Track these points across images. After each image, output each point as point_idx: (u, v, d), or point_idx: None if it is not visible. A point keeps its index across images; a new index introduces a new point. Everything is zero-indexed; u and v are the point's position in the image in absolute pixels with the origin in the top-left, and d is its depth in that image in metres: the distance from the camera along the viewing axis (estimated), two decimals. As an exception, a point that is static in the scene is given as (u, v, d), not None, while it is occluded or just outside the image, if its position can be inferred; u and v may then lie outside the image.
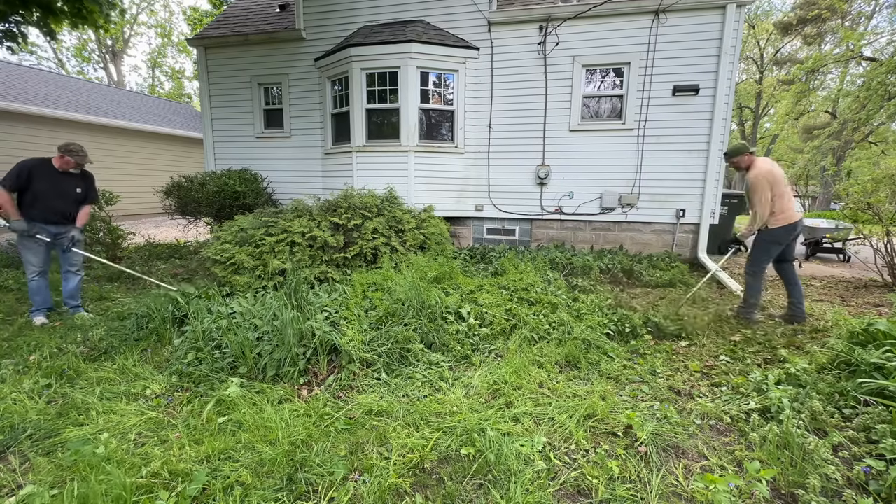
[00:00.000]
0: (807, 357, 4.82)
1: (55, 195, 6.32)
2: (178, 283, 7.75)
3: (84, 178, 6.67)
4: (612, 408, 3.93)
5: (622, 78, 10.13)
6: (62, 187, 6.39)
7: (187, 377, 4.59)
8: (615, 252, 10.14)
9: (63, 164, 6.32)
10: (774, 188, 6.10)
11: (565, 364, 5.05)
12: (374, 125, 10.62)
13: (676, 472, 3.16)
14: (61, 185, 6.38)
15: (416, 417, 3.81)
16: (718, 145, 9.62)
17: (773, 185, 6.10)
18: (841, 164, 31.68)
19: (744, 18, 9.70)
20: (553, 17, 9.98)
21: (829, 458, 3.14)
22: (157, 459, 3.21)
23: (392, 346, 4.98)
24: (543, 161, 10.66)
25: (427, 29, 10.54)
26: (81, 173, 6.62)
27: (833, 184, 31.43)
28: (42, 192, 6.21)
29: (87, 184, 6.70)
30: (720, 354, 5.25)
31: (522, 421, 3.76)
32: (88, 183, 6.74)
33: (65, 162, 6.32)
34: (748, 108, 43.42)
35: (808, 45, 34.24)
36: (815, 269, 10.97)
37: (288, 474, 3.11)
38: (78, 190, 6.55)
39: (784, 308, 6.89)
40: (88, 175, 6.77)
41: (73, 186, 6.49)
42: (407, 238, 8.15)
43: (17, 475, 3.17)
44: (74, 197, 6.53)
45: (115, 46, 42.98)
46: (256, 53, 12.29)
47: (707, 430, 3.67)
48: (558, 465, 3.24)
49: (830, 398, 3.85)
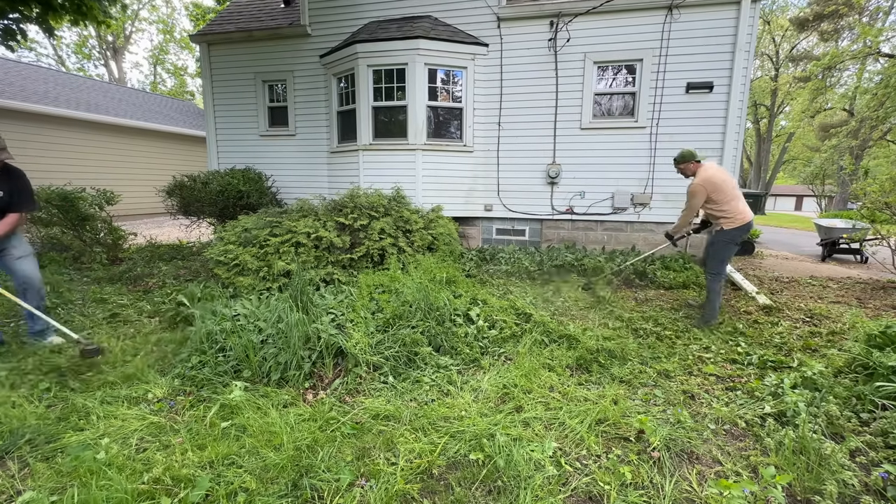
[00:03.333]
0: (823, 360, 4.81)
1: None
2: (182, 284, 7.77)
3: (8, 178, 5.24)
4: (624, 412, 3.92)
5: (634, 75, 10.10)
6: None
7: (190, 380, 4.59)
8: (627, 253, 10.08)
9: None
10: (717, 195, 6.43)
11: (576, 367, 5.05)
12: (380, 123, 10.63)
13: (690, 478, 3.16)
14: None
15: (423, 422, 3.80)
16: (733, 144, 9.58)
17: (715, 192, 6.43)
18: (859, 163, 31.55)
19: (759, 14, 9.69)
20: (564, 12, 9.95)
21: (845, 463, 3.13)
22: (159, 465, 3.21)
23: (399, 348, 4.99)
24: (554, 160, 10.64)
25: (435, 25, 10.54)
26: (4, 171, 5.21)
27: (850, 183, 31.27)
28: None
29: (10, 185, 5.25)
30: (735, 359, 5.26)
31: (532, 425, 3.76)
32: (13, 183, 5.29)
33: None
34: (763, 105, 43.29)
35: (825, 41, 34.13)
36: (831, 271, 10.94)
37: (293, 480, 3.11)
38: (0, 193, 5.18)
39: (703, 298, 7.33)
40: (14, 172, 5.35)
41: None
42: (414, 238, 8.15)
43: (16, 481, 3.17)
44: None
45: (116, 43, 43.09)
46: (260, 50, 12.31)
47: (721, 435, 3.67)
48: (569, 470, 3.24)
49: (847, 402, 3.85)
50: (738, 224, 6.49)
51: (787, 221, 33.36)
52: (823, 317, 6.64)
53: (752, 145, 48.18)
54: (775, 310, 7.10)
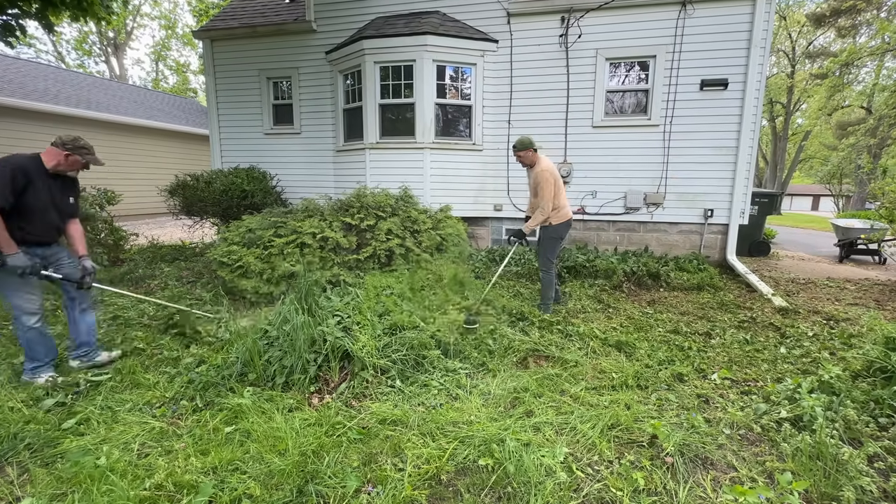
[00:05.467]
0: (841, 363, 4.80)
1: (50, 207, 4.74)
2: (187, 286, 7.79)
3: (76, 185, 5.16)
4: (636, 416, 3.91)
5: (647, 72, 10.11)
6: (57, 196, 4.80)
7: (192, 384, 4.58)
8: (640, 254, 10.09)
9: (67, 164, 4.74)
10: (556, 184, 6.60)
11: (588, 371, 5.05)
12: (387, 121, 10.66)
13: (704, 484, 3.14)
14: (56, 193, 4.78)
15: (431, 427, 3.80)
16: (749, 142, 9.58)
17: (556, 181, 6.59)
18: (877, 162, 31.41)
19: (774, 9, 9.66)
20: (575, 7, 9.96)
21: (863, 469, 3.11)
22: (161, 470, 3.20)
23: (407, 352, 4.98)
24: (565, 159, 10.64)
25: (443, 20, 10.56)
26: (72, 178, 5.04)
27: (868, 182, 31.16)
28: (36, 203, 4.58)
29: (77, 192, 5.19)
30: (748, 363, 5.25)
31: (543, 430, 3.75)
32: (77, 191, 5.24)
33: (70, 163, 4.74)
34: (779, 103, 43.08)
35: (842, 37, 33.91)
36: (849, 272, 10.90)
37: (298, 486, 3.10)
38: (71, 200, 5.03)
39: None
40: (76, 181, 5.20)
41: (66, 195, 4.95)
42: (422, 239, 8.14)
43: (15, 487, 3.16)
44: (68, 209, 5.00)
45: (117, 39, 43.21)
46: (265, 46, 12.35)
47: (736, 440, 3.65)
48: (581, 476, 3.22)
49: (865, 406, 3.83)
50: (564, 219, 6.82)
51: (803, 221, 33.23)
52: (841, 319, 6.63)
53: (767, 144, 47.99)
54: (791, 312, 7.09)
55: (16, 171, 4.37)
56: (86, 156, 4.81)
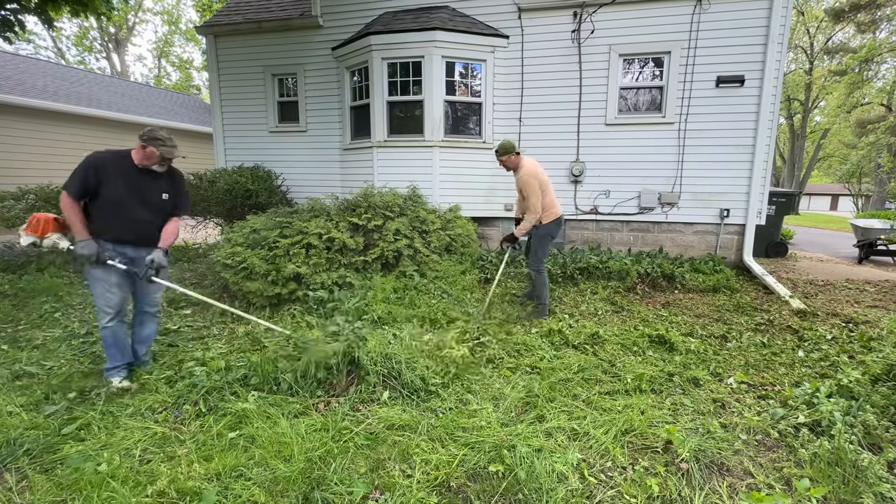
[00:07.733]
0: (860, 367, 4.78)
1: (134, 203, 4.70)
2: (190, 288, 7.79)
3: (171, 180, 5.03)
4: (650, 421, 3.91)
5: (662, 68, 10.08)
6: (144, 192, 4.75)
7: (195, 389, 4.54)
8: (654, 255, 10.04)
9: (145, 157, 4.67)
10: (543, 186, 6.87)
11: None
12: (395, 119, 10.67)
13: (720, 491, 3.14)
14: (142, 188, 4.74)
15: (441, 432, 3.79)
16: (766, 140, 9.53)
17: (542, 184, 6.86)
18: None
19: (792, 3, 9.63)
20: (588, 2, 9.92)
21: (883, 475, 3.11)
22: (163, 477, 3.20)
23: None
24: (577, 157, 10.62)
25: (453, 15, 10.55)
26: (168, 172, 4.97)
27: (888, 181, 31.05)
28: (116, 198, 4.59)
29: (174, 187, 5.05)
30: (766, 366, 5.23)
31: (555, 436, 3.74)
32: (177, 186, 5.10)
33: (147, 154, 4.66)
34: (797, 100, 42.99)
35: (862, 32, 33.77)
36: (868, 273, 10.85)
37: (304, 493, 3.10)
38: (164, 196, 4.90)
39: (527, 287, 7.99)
40: (176, 174, 5.12)
41: (157, 191, 4.85)
42: (431, 240, 8.15)
43: (14, 494, 3.15)
44: (159, 205, 4.91)
45: (119, 35, 43.34)
46: (270, 42, 12.36)
47: (753, 446, 3.65)
48: (594, 483, 3.22)
49: (885, 411, 3.80)
50: (554, 217, 7.05)
51: (821, 221, 33.12)
52: (860, 321, 6.60)
53: (785, 142, 47.88)
54: (810, 314, 7.07)
55: (90, 166, 4.48)
56: (160, 147, 4.64)
